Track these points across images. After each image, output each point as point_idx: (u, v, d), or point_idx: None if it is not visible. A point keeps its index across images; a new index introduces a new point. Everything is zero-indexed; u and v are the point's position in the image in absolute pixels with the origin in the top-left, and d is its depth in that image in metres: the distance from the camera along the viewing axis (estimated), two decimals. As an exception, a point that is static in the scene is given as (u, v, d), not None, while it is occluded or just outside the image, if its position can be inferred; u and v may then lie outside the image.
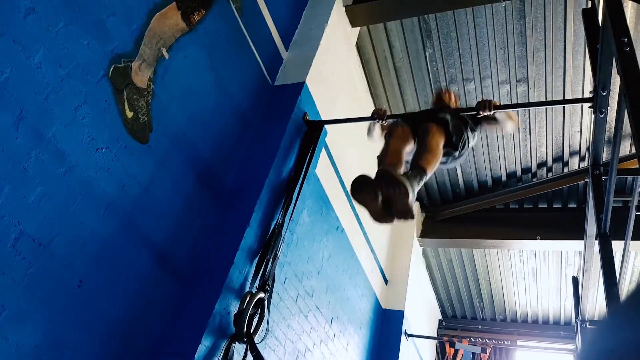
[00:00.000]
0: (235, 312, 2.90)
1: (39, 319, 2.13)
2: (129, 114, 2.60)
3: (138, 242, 2.67)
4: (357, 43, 5.33)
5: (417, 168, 2.96)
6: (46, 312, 2.17)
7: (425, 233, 7.51)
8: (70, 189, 2.27)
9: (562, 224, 6.76)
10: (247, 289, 3.04)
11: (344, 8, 4.64)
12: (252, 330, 2.92)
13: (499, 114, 3.36)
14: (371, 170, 3.10)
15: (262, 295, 3.02)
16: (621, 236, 3.81)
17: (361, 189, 2.88)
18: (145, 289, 2.71)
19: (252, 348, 2.85)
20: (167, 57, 2.87)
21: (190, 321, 2.77)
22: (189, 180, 3.05)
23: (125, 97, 2.58)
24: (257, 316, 3.00)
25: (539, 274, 8.11)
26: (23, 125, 2.07)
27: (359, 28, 4.99)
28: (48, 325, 2.18)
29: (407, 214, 2.83)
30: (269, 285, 3.15)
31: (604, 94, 3.00)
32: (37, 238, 2.12)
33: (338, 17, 4.52)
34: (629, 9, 4.57)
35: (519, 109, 5.90)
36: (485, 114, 3.23)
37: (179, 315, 2.83)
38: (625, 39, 2.37)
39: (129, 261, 2.62)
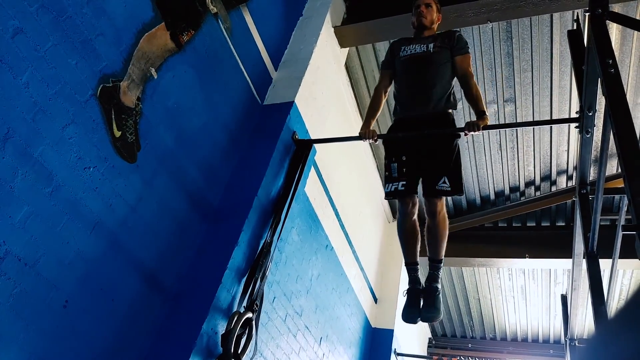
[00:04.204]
0: (223, 332, 2.87)
1: (24, 340, 2.10)
2: (117, 134, 2.60)
3: (125, 262, 2.65)
4: (346, 63, 5.38)
5: (436, 262, 3.43)
6: (31, 332, 2.13)
7: (414, 252, 7.50)
8: (56, 208, 2.26)
9: (550, 243, 6.79)
10: (235, 309, 3.02)
11: (332, 29, 4.68)
12: (239, 351, 2.89)
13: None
14: (360, 191, 3.14)
15: (250, 315, 3.00)
16: (609, 254, 3.83)
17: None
18: (132, 309, 2.68)
19: (240, 369, 2.82)
20: (155, 76, 2.87)
21: (177, 341, 2.74)
22: (176, 200, 3.03)
23: (113, 116, 2.58)
24: (245, 336, 2.98)
25: (528, 293, 8.12)
26: (10, 145, 2.06)
27: (347, 48, 5.03)
28: (33, 346, 2.14)
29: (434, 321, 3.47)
30: (257, 305, 3.12)
31: (590, 114, 3.03)
32: (22, 258, 2.10)
33: (327, 38, 4.56)
34: (614, 30, 4.65)
35: (506, 128, 5.96)
36: (472, 133, 3.26)
37: (166, 335, 2.80)
38: (610, 61, 2.40)
39: (115, 281, 2.59)
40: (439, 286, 3.38)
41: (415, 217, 3.52)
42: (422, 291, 3.39)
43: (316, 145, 3.94)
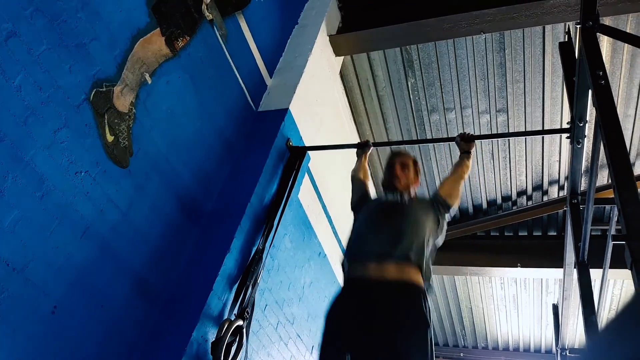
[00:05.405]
0: (213, 339, 2.85)
1: (11, 346, 2.08)
2: (110, 138, 2.59)
3: (115, 268, 2.63)
4: (340, 71, 5.39)
5: None
6: (19, 339, 2.11)
7: (407, 260, 7.49)
8: (47, 213, 2.24)
9: (542, 252, 6.80)
10: (225, 316, 3.01)
11: (328, 37, 4.70)
12: (230, 359, 2.88)
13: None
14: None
15: (240, 322, 2.99)
16: (600, 264, 3.84)
17: None
18: (121, 316, 2.66)
19: (230, 377, 2.81)
20: (149, 82, 2.87)
21: (167, 349, 2.72)
22: (168, 205, 3.02)
23: (106, 121, 2.57)
24: (236, 344, 2.96)
25: (519, 302, 8.12)
26: (1, 148, 2.05)
27: (342, 57, 5.05)
28: (21, 352, 2.12)
29: None
30: (248, 313, 3.11)
31: (581, 125, 3.06)
32: (11, 262, 2.08)
33: (322, 46, 4.57)
34: (604, 42, 4.69)
35: (499, 138, 5.99)
36: (466, 148, 3.17)
37: (156, 342, 2.78)
38: (601, 72, 2.42)
39: (105, 287, 2.57)
40: None
41: None
42: None
43: (310, 153, 3.95)
